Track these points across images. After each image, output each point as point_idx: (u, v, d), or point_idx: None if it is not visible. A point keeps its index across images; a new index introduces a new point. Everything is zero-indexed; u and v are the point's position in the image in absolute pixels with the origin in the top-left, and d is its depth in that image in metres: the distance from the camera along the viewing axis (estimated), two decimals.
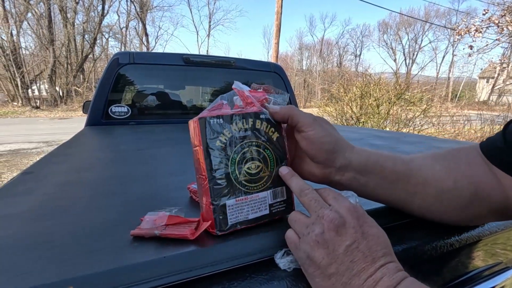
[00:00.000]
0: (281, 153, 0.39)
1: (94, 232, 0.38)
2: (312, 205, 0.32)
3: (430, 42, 32.12)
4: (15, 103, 15.05)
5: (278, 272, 0.32)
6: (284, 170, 0.38)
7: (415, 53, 31.37)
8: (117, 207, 0.47)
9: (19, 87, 14.75)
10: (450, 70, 29.45)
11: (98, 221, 0.42)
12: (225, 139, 0.36)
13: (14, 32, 15.13)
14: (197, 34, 34.11)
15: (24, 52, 16.03)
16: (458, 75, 28.79)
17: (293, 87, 2.25)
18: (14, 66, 14.57)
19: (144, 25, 22.00)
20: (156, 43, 24.56)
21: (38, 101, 15.55)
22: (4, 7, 14.51)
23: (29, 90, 15.48)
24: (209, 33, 27.57)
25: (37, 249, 0.34)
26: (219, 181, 0.35)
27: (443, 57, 32.88)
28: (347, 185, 0.39)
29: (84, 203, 0.50)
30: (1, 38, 14.43)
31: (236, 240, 0.34)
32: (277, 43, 9.35)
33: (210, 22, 27.49)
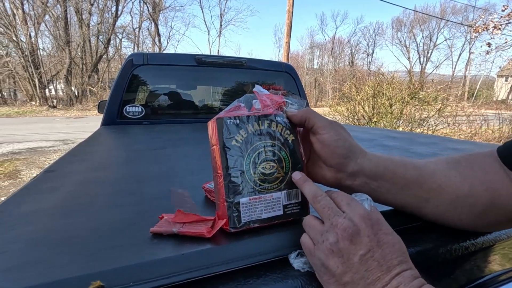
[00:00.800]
0: (297, 155, 0.40)
1: (115, 229, 0.40)
2: (325, 212, 0.32)
3: (445, 40, 31.18)
4: (33, 103, 15.58)
5: (292, 271, 0.32)
6: (297, 176, 0.38)
7: (430, 51, 30.62)
8: (134, 206, 0.49)
9: (37, 87, 15.27)
10: (466, 69, 28.63)
11: (117, 218, 0.43)
12: (241, 139, 0.37)
13: (33, 34, 15.66)
14: (208, 34, 34.52)
15: (41, 53, 16.59)
16: (475, 74, 27.94)
17: (304, 86, 2.24)
18: (32, 66, 15.09)
19: (156, 25, 22.34)
20: (168, 43, 24.91)
21: (54, 100, 16.06)
22: (23, 10, 15.04)
23: (46, 90, 16.00)
24: (220, 32, 27.77)
25: (63, 244, 0.35)
26: (234, 179, 0.36)
27: (459, 55, 32.10)
28: (358, 190, 0.39)
29: (104, 201, 0.52)
30: (21, 39, 14.97)
31: (251, 239, 0.35)
32: (288, 42, 9.32)
33: (221, 22, 27.69)
